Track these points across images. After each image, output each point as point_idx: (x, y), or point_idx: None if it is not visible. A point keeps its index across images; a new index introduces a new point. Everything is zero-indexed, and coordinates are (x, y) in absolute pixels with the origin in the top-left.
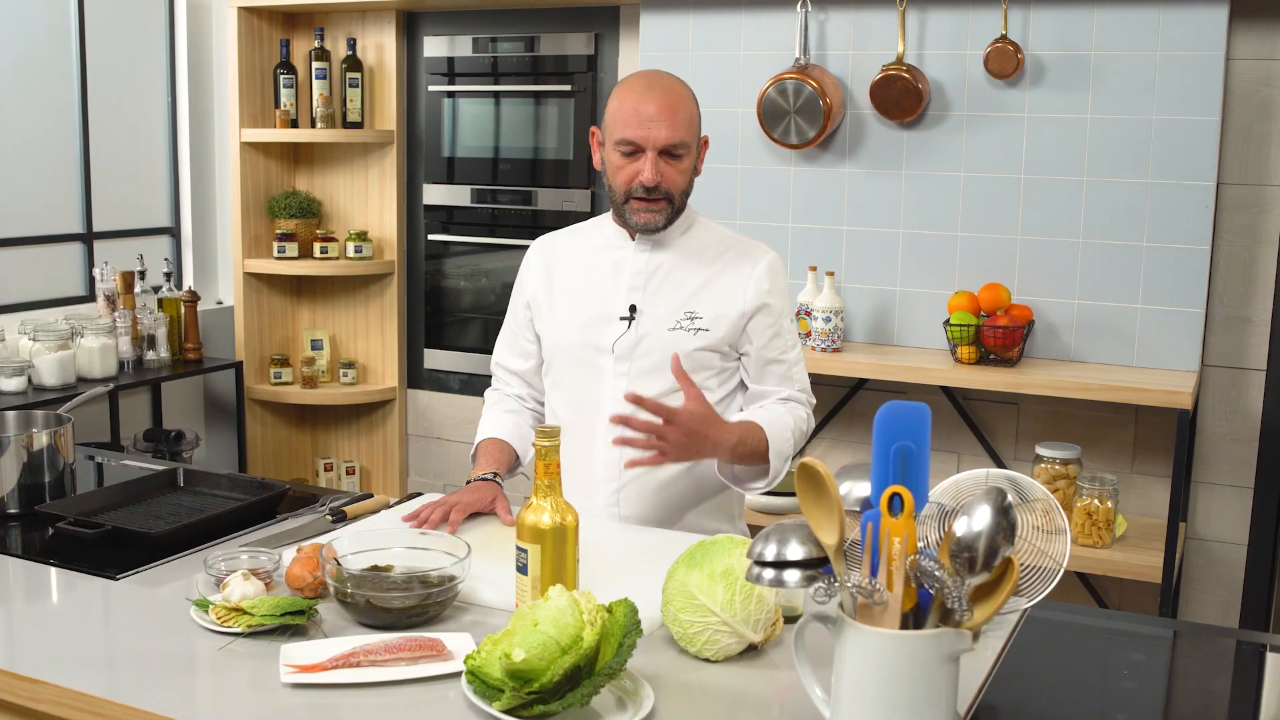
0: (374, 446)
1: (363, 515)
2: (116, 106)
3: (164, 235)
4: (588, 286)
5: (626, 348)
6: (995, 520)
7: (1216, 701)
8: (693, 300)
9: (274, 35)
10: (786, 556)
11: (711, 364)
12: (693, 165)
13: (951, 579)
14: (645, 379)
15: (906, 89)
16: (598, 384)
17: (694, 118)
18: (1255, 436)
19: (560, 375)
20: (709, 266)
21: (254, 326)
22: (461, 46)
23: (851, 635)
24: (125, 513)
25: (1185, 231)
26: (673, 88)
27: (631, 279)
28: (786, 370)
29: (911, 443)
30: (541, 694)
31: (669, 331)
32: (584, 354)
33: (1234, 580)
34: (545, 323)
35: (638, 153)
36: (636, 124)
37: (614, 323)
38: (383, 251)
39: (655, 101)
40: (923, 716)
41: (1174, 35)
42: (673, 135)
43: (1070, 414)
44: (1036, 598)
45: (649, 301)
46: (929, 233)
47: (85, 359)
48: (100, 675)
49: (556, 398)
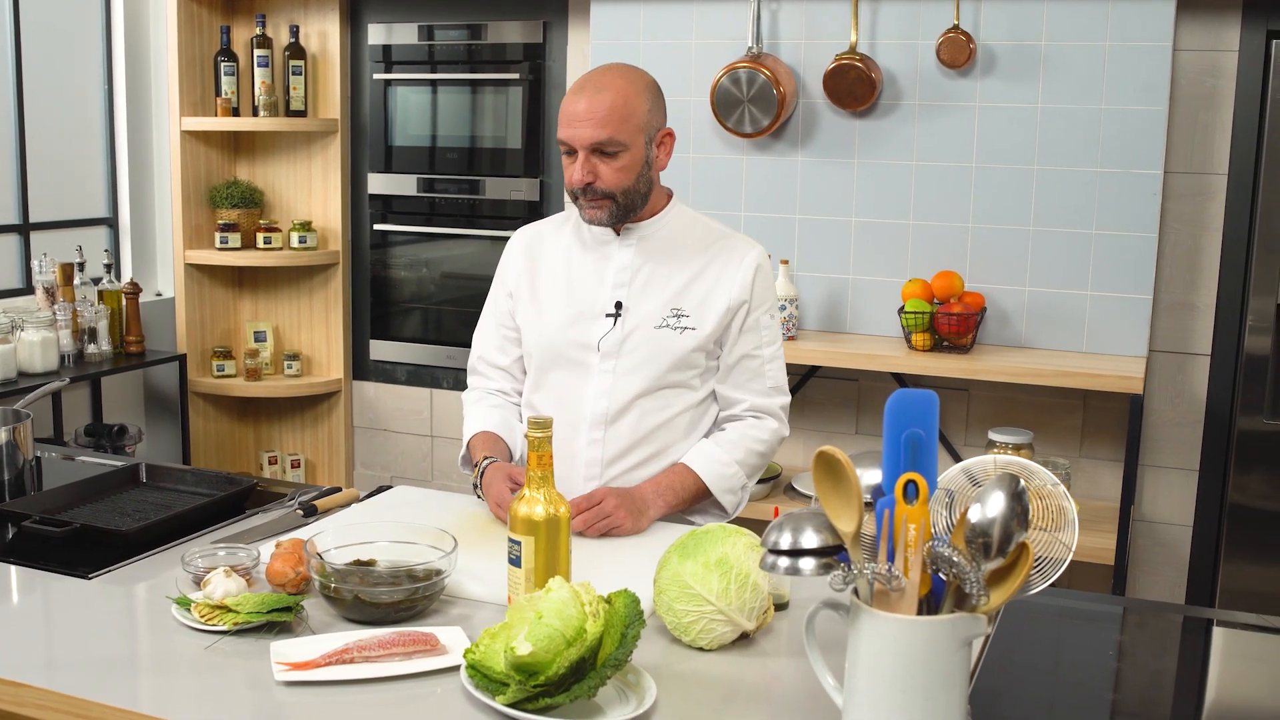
0: (319, 439)
1: (333, 509)
2: (52, 95)
3: (101, 226)
4: (572, 282)
5: (613, 345)
6: (1010, 506)
7: (1166, 673)
8: (679, 297)
9: (214, 22)
10: (802, 545)
11: (697, 363)
12: (637, 162)
13: (969, 564)
14: (630, 376)
15: (860, 78)
16: (582, 381)
17: (632, 113)
18: (1200, 420)
19: (543, 372)
20: (694, 261)
21: (196, 318)
22: (406, 34)
23: (868, 622)
24: (89, 510)
25: (1133, 219)
26: (609, 84)
27: (617, 275)
28: (759, 366)
29: (921, 430)
30: (547, 687)
31: (655, 329)
32: (569, 351)
33: (1180, 561)
34: (526, 317)
35: (574, 153)
36: (566, 123)
37: (600, 320)
38: (327, 242)
39: (585, 100)
40: (938, 700)
41: (1123, 26)
42: (598, 134)
43: (1020, 400)
44: (1047, 581)
45: (635, 298)
46: (882, 221)
47: (26, 353)
48: (86, 677)
49: (539, 395)
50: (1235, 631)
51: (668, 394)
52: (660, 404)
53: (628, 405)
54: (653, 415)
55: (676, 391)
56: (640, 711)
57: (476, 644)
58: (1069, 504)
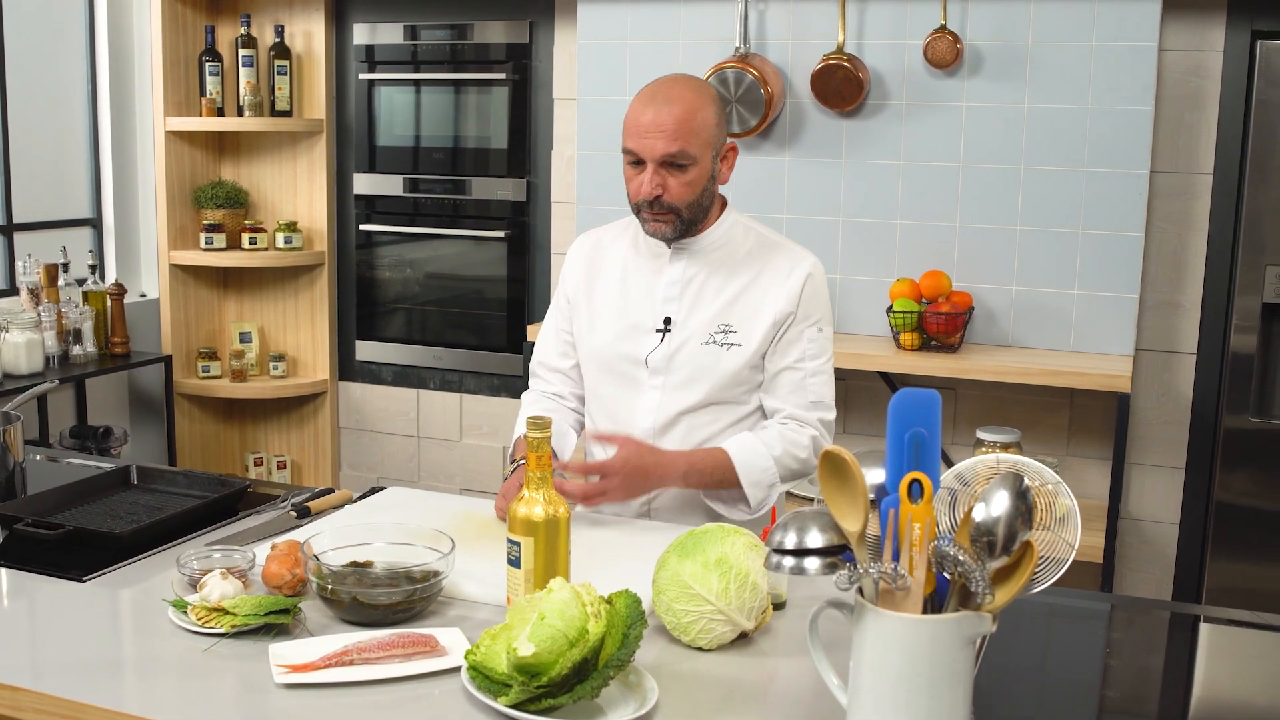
0: (305, 440)
1: (326, 511)
2: (36, 95)
3: (85, 227)
4: (626, 295)
5: (661, 360)
6: (1014, 505)
7: (1154, 669)
8: (726, 312)
9: (198, 21)
10: (807, 544)
11: (746, 379)
12: (704, 176)
13: (975, 562)
14: (678, 392)
15: (847, 78)
16: (634, 395)
17: (703, 127)
18: (1186, 418)
19: (596, 385)
20: (744, 273)
21: (180, 319)
22: (392, 34)
23: (873, 621)
24: (81, 512)
25: (1120, 219)
26: (678, 96)
27: (667, 290)
28: (801, 380)
29: (924, 429)
30: (550, 688)
31: (702, 345)
32: (618, 364)
33: (1166, 558)
34: (581, 326)
35: (641, 163)
36: (636, 134)
37: (649, 334)
38: (312, 242)
39: (654, 111)
40: (943, 699)
41: (1109, 27)
42: (670, 146)
43: (1006, 399)
44: (1051, 579)
45: (684, 313)
46: (869, 221)
47: (11, 354)
48: (84, 680)
49: (594, 407)
50: (1222, 627)
51: (716, 409)
52: (708, 419)
53: (674, 420)
54: (701, 430)
55: (725, 408)
56: (643, 712)
57: (477, 645)
58: (1071, 501)
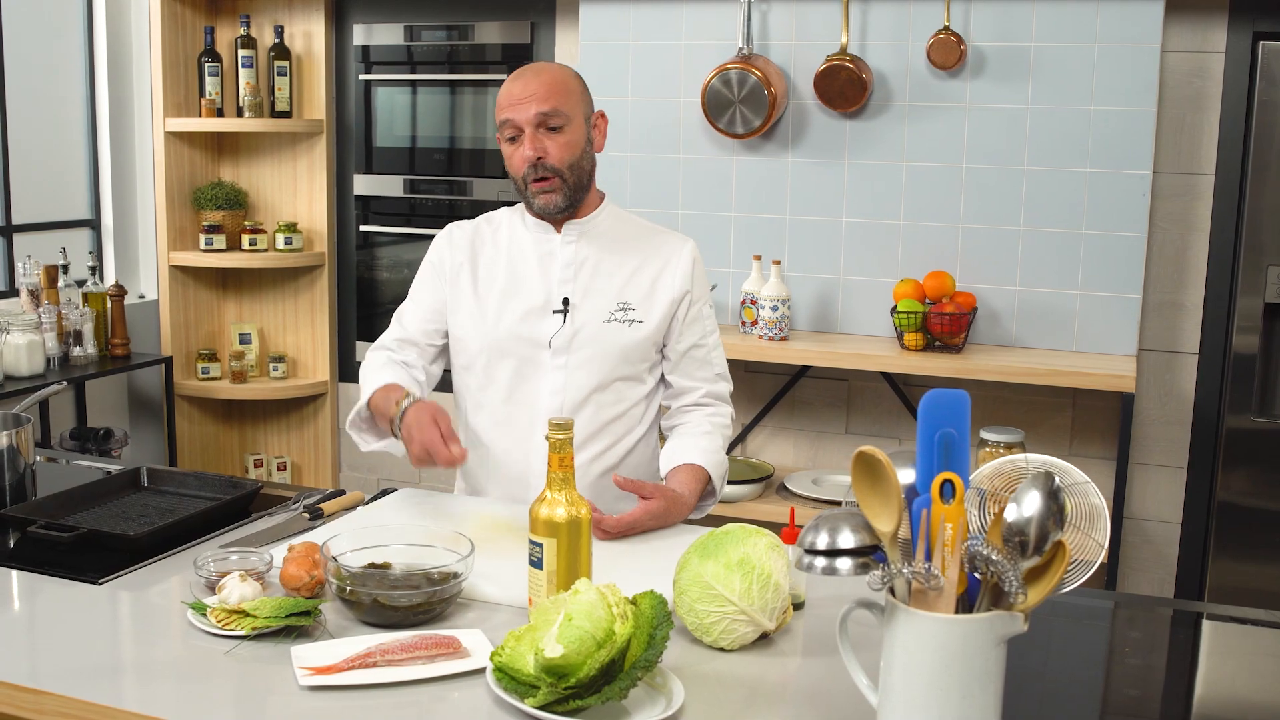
0: (305, 441)
1: (338, 513)
2: (34, 96)
3: (84, 228)
4: (517, 280)
5: (563, 341)
6: (1045, 505)
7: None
8: (623, 291)
9: (198, 22)
10: (839, 545)
11: (647, 355)
12: (579, 139)
13: (1008, 562)
14: (582, 371)
15: (851, 79)
16: (534, 378)
17: (571, 91)
18: (1188, 419)
19: (492, 370)
20: (635, 255)
21: (180, 321)
22: (392, 34)
23: (905, 621)
24: (93, 514)
25: (1122, 219)
26: (545, 68)
27: (562, 271)
28: (706, 354)
29: (954, 429)
30: (578, 689)
31: (604, 324)
32: (518, 348)
33: (1168, 558)
34: (464, 314)
35: (519, 134)
36: (509, 105)
37: (548, 316)
38: (312, 243)
39: (523, 82)
40: (974, 699)
41: (1112, 28)
42: (543, 105)
43: (1008, 399)
44: (1079, 580)
45: (581, 294)
46: (872, 221)
47: (11, 356)
48: (107, 684)
49: (490, 393)
50: (1224, 625)
51: (620, 387)
52: (614, 398)
53: (583, 401)
54: (608, 409)
55: (628, 384)
56: (670, 713)
57: (502, 647)
58: (1100, 501)
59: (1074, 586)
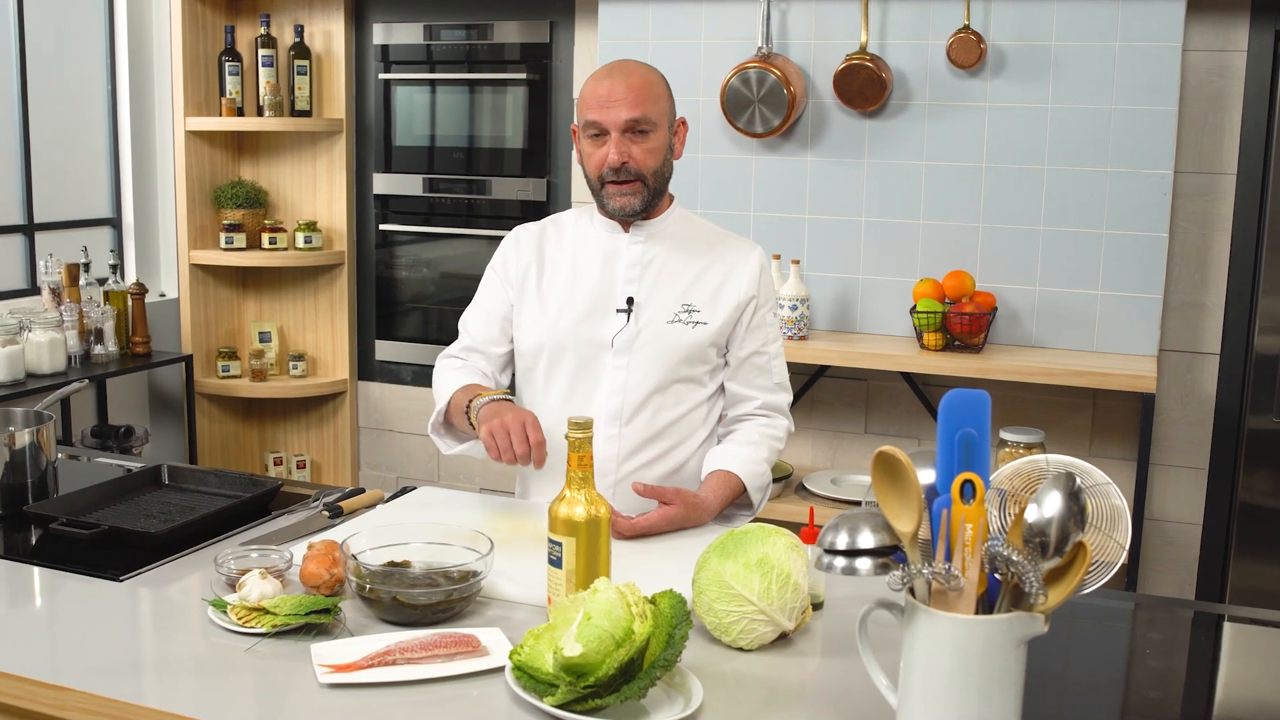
0: (324, 440)
1: (358, 511)
2: (56, 95)
3: (105, 226)
4: (581, 279)
5: (626, 341)
6: (1066, 505)
7: (1177, 668)
8: (690, 292)
9: (218, 21)
10: (859, 545)
11: (709, 358)
12: (664, 145)
13: (1029, 563)
14: (643, 371)
15: (870, 78)
16: (595, 377)
17: (659, 96)
18: (1209, 419)
19: (553, 370)
20: (703, 258)
21: (200, 319)
22: (412, 33)
23: (925, 622)
24: (114, 511)
25: (1143, 219)
26: (635, 70)
27: (628, 270)
28: (766, 362)
29: (974, 430)
30: (597, 688)
31: (668, 324)
32: (581, 348)
33: (1189, 560)
34: (530, 313)
35: (603, 135)
36: (597, 106)
37: (611, 315)
38: (332, 242)
39: (615, 82)
40: (994, 701)
41: (1133, 27)
42: (633, 111)
43: (1028, 399)
44: (1100, 581)
45: (646, 293)
46: (892, 221)
47: (34, 354)
48: (128, 680)
49: (550, 393)
50: (1245, 627)
51: (680, 389)
52: (674, 400)
53: (643, 402)
54: (667, 411)
55: (689, 387)
56: (689, 712)
57: (521, 645)
58: (1121, 502)
59: (1095, 588)
